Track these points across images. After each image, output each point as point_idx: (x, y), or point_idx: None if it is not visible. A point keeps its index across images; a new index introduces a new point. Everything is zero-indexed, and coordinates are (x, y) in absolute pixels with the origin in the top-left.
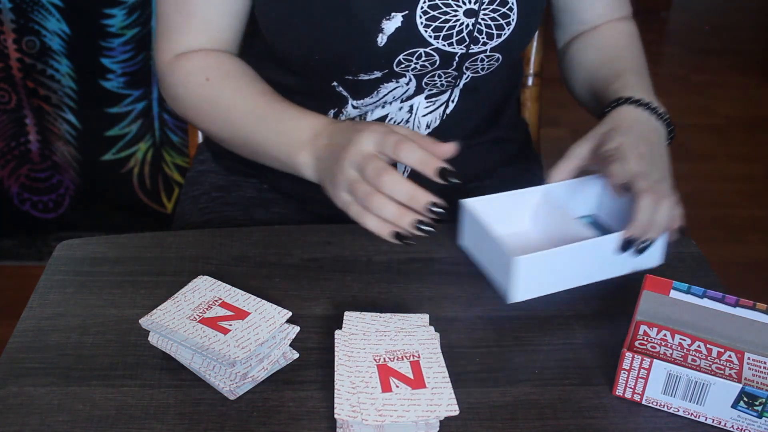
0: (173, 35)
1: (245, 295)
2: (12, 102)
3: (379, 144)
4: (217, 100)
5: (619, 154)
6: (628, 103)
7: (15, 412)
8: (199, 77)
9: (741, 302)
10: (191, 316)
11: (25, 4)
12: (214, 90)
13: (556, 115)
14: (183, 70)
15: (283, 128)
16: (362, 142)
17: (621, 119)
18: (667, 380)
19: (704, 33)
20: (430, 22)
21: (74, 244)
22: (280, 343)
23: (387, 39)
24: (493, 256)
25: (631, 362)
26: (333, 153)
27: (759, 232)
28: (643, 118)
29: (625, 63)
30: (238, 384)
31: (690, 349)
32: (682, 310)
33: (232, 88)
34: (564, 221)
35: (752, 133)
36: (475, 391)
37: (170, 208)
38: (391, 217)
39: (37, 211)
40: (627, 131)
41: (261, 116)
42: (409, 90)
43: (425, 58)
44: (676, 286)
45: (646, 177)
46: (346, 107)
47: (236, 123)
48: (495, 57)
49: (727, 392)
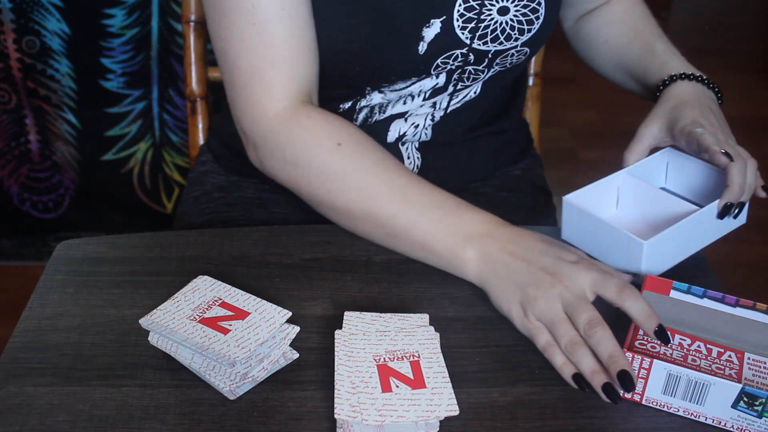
0: (258, 84)
1: (245, 295)
2: (12, 102)
3: (598, 286)
4: (353, 169)
5: (700, 126)
6: (681, 78)
7: (15, 412)
8: (330, 141)
9: (741, 302)
10: (191, 316)
11: (25, 4)
12: (348, 158)
13: (556, 115)
14: (307, 130)
15: (446, 218)
16: (579, 280)
17: (681, 94)
18: (667, 380)
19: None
20: (466, 24)
21: (74, 244)
22: (280, 343)
23: (427, 46)
24: (611, 244)
25: (631, 362)
26: (528, 269)
27: (759, 232)
28: (699, 91)
29: (652, 37)
30: (238, 384)
31: (690, 349)
32: (682, 310)
33: (372, 160)
34: (653, 197)
35: (752, 133)
36: (475, 391)
37: (170, 208)
38: (587, 369)
39: (37, 211)
40: (692, 105)
41: (412, 198)
42: (438, 83)
43: (461, 59)
44: (676, 286)
45: (727, 144)
46: (371, 93)
47: (378, 200)
48: (524, 51)
49: (727, 392)
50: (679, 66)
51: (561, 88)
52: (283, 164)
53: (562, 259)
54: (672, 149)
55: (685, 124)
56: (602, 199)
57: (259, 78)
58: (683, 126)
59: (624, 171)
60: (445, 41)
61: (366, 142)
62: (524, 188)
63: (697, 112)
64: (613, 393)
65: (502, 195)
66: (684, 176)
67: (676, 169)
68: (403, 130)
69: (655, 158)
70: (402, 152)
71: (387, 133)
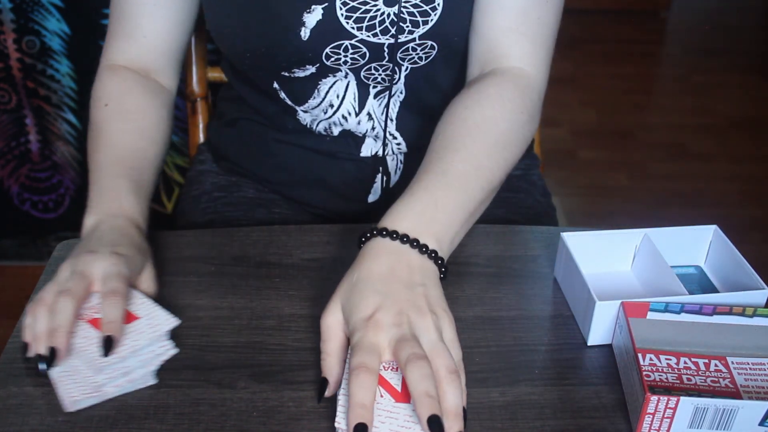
0: (111, 40)
1: (143, 299)
2: (12, 102)
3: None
4: (99, 130)
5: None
6: (383, 235)
7: (15, 412)
8: (101, 100)
9: (718, 310)
10: (82, 315)
11: (25, 4)
12: (101, 120)
13: (556, 115)
14: (99, 83)
15: (96, 192)
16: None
17: (370, 263)
18: (694, 414)
19: (704, 33)
20: (350, 13)
21: (74, 244)
22: (149, 361)
23: (310, 32)
24: (579, 293)
25: (656, 405)
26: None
27: (759, 232)
28: (394, 260)
29: (461, 151)
30: (88, 394)
31: (680, 368)
32: (662, 328)
33: (113, 129)
34: (661, 270)
35: (752, 133)
36: (475, 391)
37: (170, 208)
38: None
39: (37, 211)
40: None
41: (100, 168)
42: (349, 83)
43: (353, 51)
44: (654, 307)
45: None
46: (298, 114)
47: (91, 156)
48: (428, 45)
49: (755, 412)
50: (413, 210)
51: (561, 88)
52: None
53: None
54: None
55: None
56: (610, 251)
57: (113, 32)
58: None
59: (642, 231)
60: (329, 29)
61: (124, 110)
62: (524, 188)
63: (376, 299)
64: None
65: (503, 195)
66: (724, 259)
67: (718, 251)
68: (375, 149)
69: (698, 230)
70: (389, 163)
71: (361, 148)
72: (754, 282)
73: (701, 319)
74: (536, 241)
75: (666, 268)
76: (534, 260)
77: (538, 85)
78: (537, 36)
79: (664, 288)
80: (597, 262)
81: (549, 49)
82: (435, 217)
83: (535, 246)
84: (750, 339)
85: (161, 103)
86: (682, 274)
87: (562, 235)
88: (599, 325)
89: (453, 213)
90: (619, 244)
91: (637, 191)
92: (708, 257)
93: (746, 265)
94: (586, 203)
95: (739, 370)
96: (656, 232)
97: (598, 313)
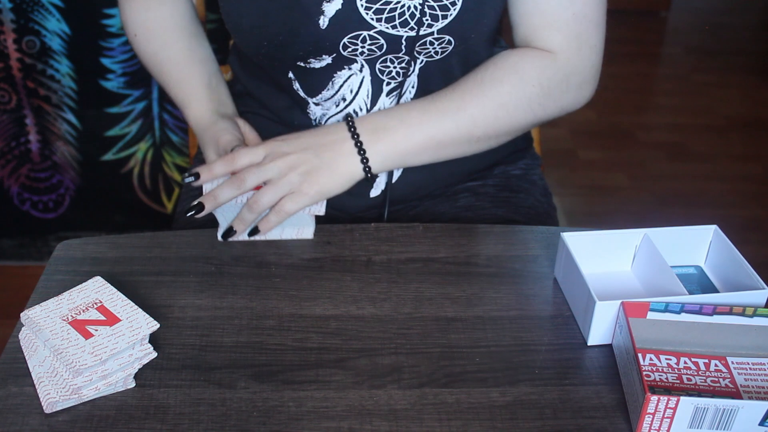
0: None
1: (125, 302)
2: (12, 102)
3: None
4: (142, 54)
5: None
6: (348, 121)
7: (15, 412)
8: (131, 31)
9: (718, 310)
10: (65, 317)
11: (25, 4)
12: (139, 45)
13: None
14: (122, 16)
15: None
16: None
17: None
18: (694, 414)
19: (704, 33)
20: (370, 4)
21: (74, 244)
22: (126, 366)
23: (329, 21)
24: (579, 293)
25: (656, 405)
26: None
27: (759, 232)
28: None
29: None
30: (65, 396)
31: (680, 368)
32: (662, 328)
33: (153, 49)
34: (661, 270)
35: (752, 133)
36: (475, 391)
37: (170, 208)
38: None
39: (37, 211)
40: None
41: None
42: (364, 78)
43: (371, 42)
44: (654, 307)
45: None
46: (309, 107)
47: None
48: (445, 40)
49: (755, 412)
50: (383, 114)
51: None
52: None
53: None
54: (717, 228)
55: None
56: (610, 250)
57: None
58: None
59: (643, 231)
60: (348, 19)
61: (157, 35)
62: (524, 188)
63: (291, 148)
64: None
65: (503, 195)
66: (724, 260)
67: (718, 251)
68: None
69: (698, 230)
70: None
71: None
72: (754, 282)
73: (701, 319)
74: (536, 241)
75: (666, 268)
76: (534, 260)
77: (569, 68)
78: (571, 31)
79: (664, 288)
80: (597, 262)
81: (588, 39)
82: (392, 126)
83: (535, 246)
84: (750, 339)
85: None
86: (682, 274)
87: (562, 235)
88: (599, 325)
89: (414, 132)
90: (619, 244)
91: (637, 191)
92: (708, 257)
93: (746, 265)
94: (586, 203)
95: (739, 370)
96: (656, 232)
97: (598, 313)
